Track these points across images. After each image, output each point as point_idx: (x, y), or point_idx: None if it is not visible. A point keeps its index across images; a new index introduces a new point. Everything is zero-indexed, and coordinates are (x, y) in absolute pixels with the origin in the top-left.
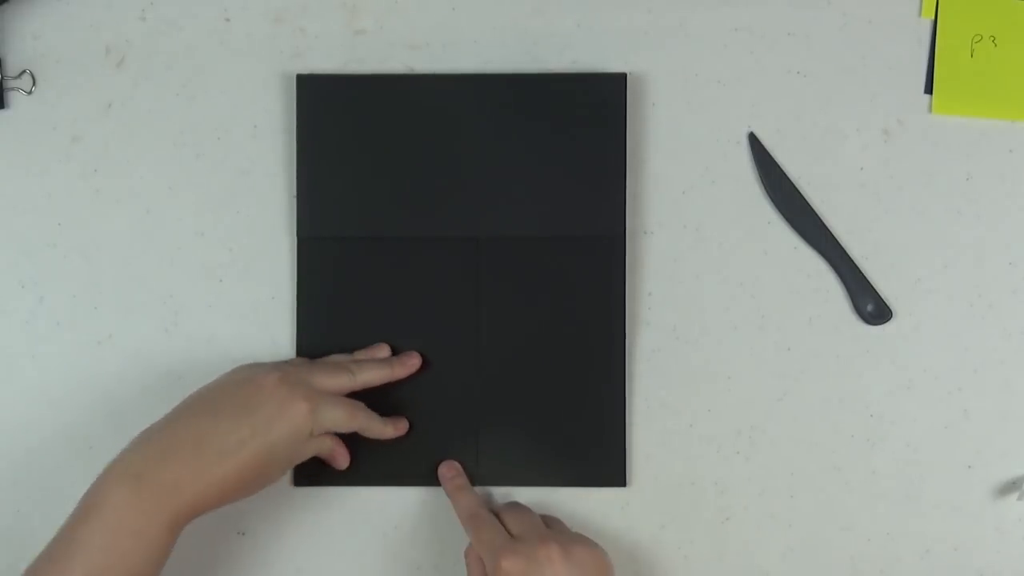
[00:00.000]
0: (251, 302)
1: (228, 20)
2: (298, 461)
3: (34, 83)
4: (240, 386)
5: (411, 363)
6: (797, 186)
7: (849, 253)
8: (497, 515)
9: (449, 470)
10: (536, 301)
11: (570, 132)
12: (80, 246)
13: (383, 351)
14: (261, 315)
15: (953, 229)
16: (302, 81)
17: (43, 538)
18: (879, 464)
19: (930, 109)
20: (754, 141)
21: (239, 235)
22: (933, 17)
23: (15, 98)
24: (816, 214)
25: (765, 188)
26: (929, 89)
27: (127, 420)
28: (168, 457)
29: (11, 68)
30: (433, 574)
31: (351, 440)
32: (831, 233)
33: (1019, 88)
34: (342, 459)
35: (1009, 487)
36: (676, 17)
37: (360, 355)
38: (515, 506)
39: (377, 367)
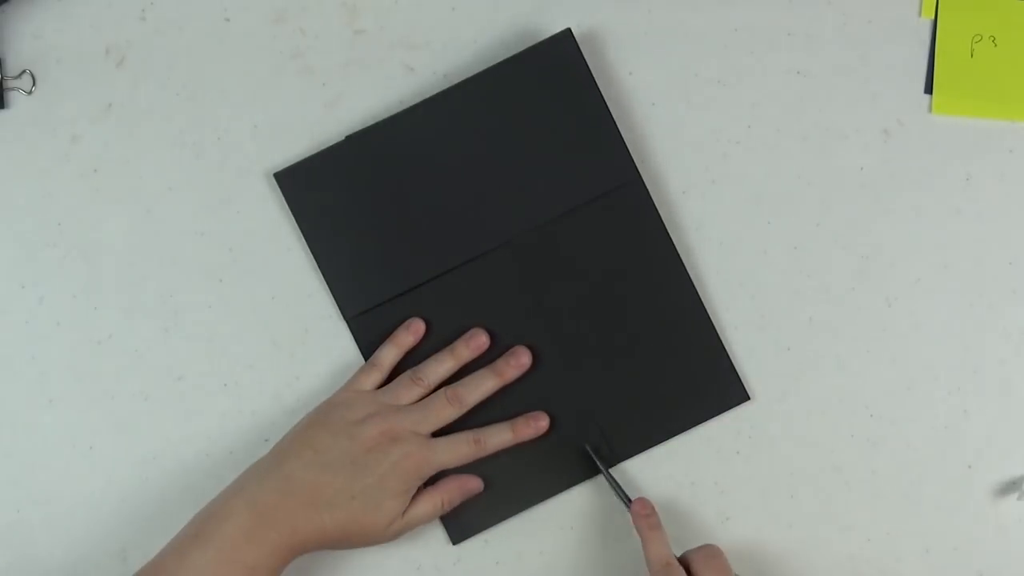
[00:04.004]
0: (251, 302)
1: (228, 20)
2: (403, 530)
3: (34, 83)
4: (352, 439)
5: (521, 363)
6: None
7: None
8: (688, 563)
9: (643, 507)
10: (588, 273)
11: (547, 105)
12: (80, 246)
13: (478, 339)
14: (261, 315)
15: (953, 229)
16: (280, 179)
17: (43, 538)
18: (879, 464)
19: (930, 109)
20: None
21: (239, 235)
22: (933, 17)
23: (15, 98)
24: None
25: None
26: (929, 89)
27: (127, 420)
28: (287, 499)
29: (11, 68)
30: (433, 574)
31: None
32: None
33: (1019, 88)
34: (474, 486)
35: (1009, 487)
36: (676, 17)
37: (442, 357)
38: (708, 555)
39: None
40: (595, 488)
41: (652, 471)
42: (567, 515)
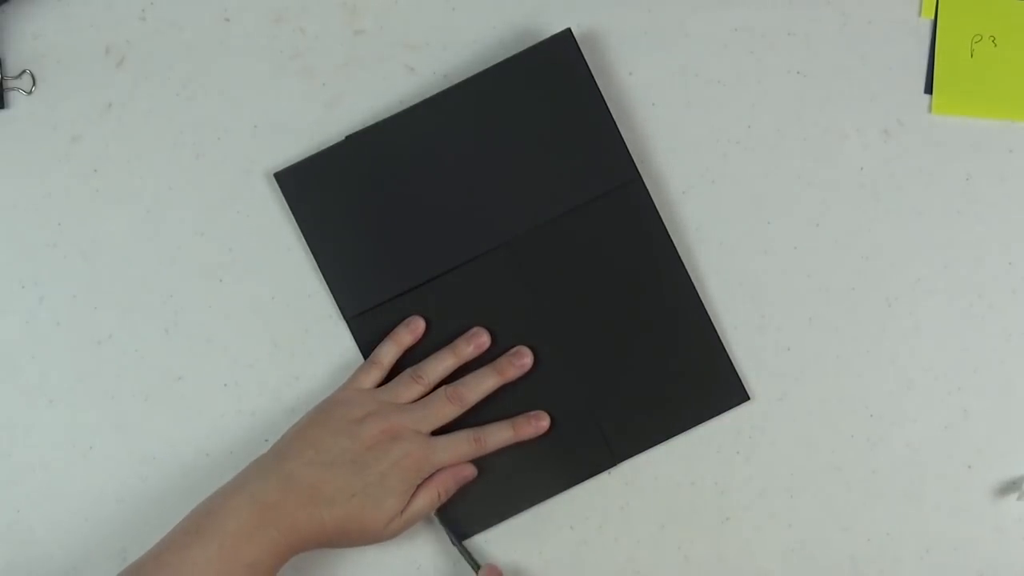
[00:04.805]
0: (251, 302)
1: (228, 20)
2: (403, 526)
3: (34, 83)
4: (352, 438)
5: (523, 363)
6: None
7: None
8: None
9: (492, 574)
10: (588, 273)
11: (547, 105)
12: (80, 246)
13: (480, 339)
14: (261, 315)
15: (953, 229)
16: (280, 179)
17: (43, 538)
18: (879, 464)
19: (930, 109)
20: None
21: (239, 235)
22: (933, 17)
23: (15, 98)
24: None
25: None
26: (929, 89)
27: (127, 420)
28: (288, 497)
29: (11, 68)
30: (433, 574)
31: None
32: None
33: (1019, 88)
34: (468, 474)
35: (1009, 487)
36: (676, 17)
37: (442, 355)
38: None
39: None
40: (595, 488)
41: (652, 471)
42: (567, 515)
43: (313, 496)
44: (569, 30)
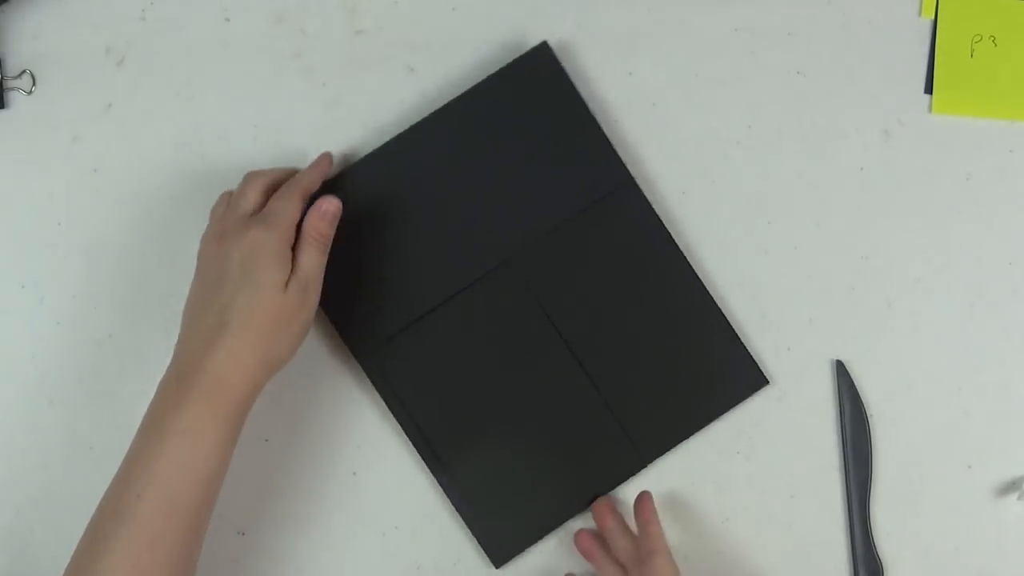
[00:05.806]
0: None
1: (228, 20)
2: (306, 288)
3: (34, 83)
4: (205, 275)
5: (323, 163)
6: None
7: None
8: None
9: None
10: (595, 279)
11: (532, 119)
12: (80, 246)
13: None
14: None
15: (953, 229)
16: None
17: (43, 538)
18: (879, 464)
19: (930, 109)
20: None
21: None
22: (933, 17)
23: (15, 98)
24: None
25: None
26: (929, 89)
27: (127, 420)
28: (192, 361)
29: (11, 68)
30: (433, 574)
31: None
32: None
33: (1019, 88)
34: (328, 208)
35: (1009, 487)
36: (676, 17)
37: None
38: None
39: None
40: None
41: (652, 471)
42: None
43: (206, 338)
44: (545, 43)
